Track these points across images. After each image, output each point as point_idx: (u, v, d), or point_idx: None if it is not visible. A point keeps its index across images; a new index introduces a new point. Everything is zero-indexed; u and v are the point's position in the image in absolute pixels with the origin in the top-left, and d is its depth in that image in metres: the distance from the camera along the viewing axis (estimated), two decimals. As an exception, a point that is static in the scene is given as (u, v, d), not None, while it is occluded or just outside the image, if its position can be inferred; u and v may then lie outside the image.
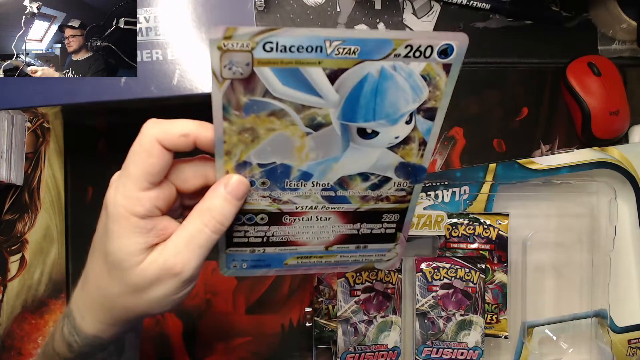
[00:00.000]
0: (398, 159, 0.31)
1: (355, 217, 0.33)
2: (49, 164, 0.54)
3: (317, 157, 0.30)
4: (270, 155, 0.29)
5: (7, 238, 0.53)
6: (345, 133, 0.29)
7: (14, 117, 0.52)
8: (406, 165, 0.31)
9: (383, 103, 0.28)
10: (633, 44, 0.57)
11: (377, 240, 0.35)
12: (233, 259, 0.34)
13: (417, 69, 0.27)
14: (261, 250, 0.34)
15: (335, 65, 0.26)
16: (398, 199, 0.33)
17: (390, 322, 0.50)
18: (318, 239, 0.34)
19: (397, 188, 0.32)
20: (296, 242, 0.34)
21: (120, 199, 0.28)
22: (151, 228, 0.29)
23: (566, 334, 0.54)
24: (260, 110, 0.27)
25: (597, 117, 0.53)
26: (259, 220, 0.32)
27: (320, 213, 0.32)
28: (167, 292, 0.29)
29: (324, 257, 0.35)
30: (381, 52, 0.26)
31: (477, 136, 0.56)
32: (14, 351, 0.53)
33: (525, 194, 0.53)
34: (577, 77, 0.54)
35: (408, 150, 0.31)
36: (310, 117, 0.28)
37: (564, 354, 0.54)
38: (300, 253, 0.34)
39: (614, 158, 0.52)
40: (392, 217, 0.34)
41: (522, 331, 0.53)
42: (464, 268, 0.50)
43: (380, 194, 0.32)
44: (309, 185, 0.31)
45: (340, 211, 0.33)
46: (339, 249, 0.35)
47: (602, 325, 0.53)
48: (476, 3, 0.56)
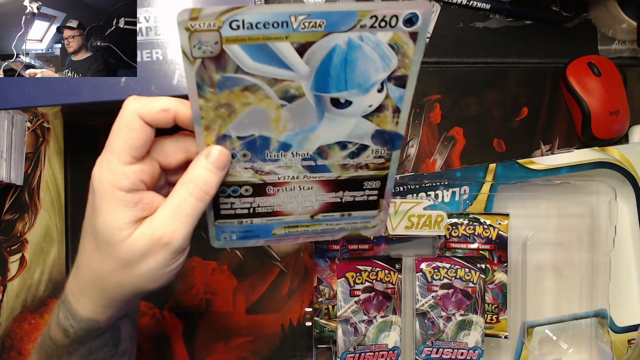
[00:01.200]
0: (374, 127, 0.31)
1: (337, 185, 0.34)
2: (49, 164, 0.54)
3: (294, 128, 0.30)
4: (248, 128, 0.30)
5: (7, 238, 0.53)
6: (319, 104, 0.30)
7: (14, 117, 0.52)
8: (382, 132, 0.32)
9: (353, 73, 0.29)
10: (633, 44, 0.57)
11: (360, 208, 0.36)
12: (222, 231, 0.35)
13: (384, 39, 0.28)
14: (248, 221, 0.34)
15: (302, 38, 0.27)
16: (377, 166, 0.34)
17: (390, 322, 0.50)
18: (303, 208, 0.35)
19: (376, 155, 0.33)
20: (282, 212, 0.35)
21: (105, 174, 0.29)
22: (137, 202, 0.29)
23: (566, 334, 0.54)
24: (234, 85, 0.28)
25: (597, 117, 0.53)
26: (244, 191, 0.33)
27: (303, 183, 0.33)
28: (158, 264, 0.30)
29: (310, 225, 0.36)
30: (347, 23, 0.27)
31: (477, 136, 0.56)
32: (14, 351, 0.53)
33: (525, 194, 0.53)
34: (577, 77, 0.54)
35: (382, 118, 0.31)
36: (284, 89, 0.29)
37: (564, 354, 0.54)
38: (287, 223, 0.35)
39: (614, 158, 0.52)
40: (373, 184, 0.35)
41: (522, 331, 0.53)
42: (464, 268, 0.50)
43: (359, 162, 0.33)
44: (289, 156, 0.32)
45: (322, 180, 0.33)
46: (325, 217, 0.36)
47: (602, 325, 0.53)
48: (476, 3, 0.56)
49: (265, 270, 0.54)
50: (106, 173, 0.29)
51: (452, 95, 0.56)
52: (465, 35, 0.56)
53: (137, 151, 0.29)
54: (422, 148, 0.55)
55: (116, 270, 0.30)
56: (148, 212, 0.30)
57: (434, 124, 0.56)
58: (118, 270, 0.30)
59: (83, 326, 0.33)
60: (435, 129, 0.56)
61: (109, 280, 0.30)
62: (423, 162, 0.55)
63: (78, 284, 0.32)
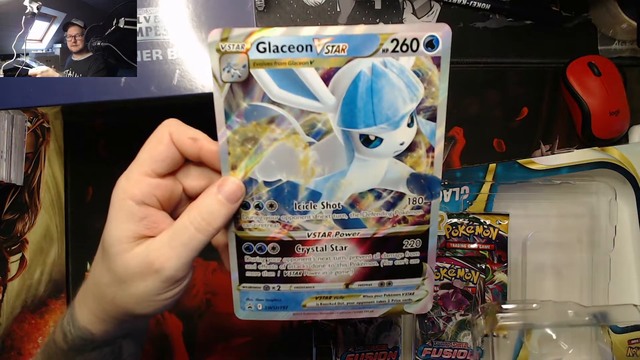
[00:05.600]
0: (408, 170, 0.30)
1: (373, 245, 0.31)
2: (49, 164, 0.54)
3: (323, 172, 0.29)
4: (275, 171, 0.29)
5: (7, 238, 0.53)
6: (348, 141, 0.29)
7: (14, 117, 0.52)
8: (418, 176, 0.30)
9: (381, 104, 0.28)
10: (633, 44, 0.57)
11: (401, 275, 0.32)
12: (247, 298, 0.33)
13: (408, 64, 0.27)
14: (276, 287, 0.32)
15: (326, 64, 0.27)
16: (416, 220, 0.31)
17: (391, 322, 0.50)
18: (336, 274, 0.32)
19: (413, 206, 0.30)
20: (313, 279, 0.32)
21: (122, 181, 0.29)
22: (143, 217, 0.28)
23: (566, 334, 0.54)
24: (261, 116, 0.28)
25: (597, 117, 0.53)
26: (271, 250, 0.31)
27: (335, 241, 0.31)
28: (148, 289, 0.28)
29: (345, 297, 0.33)
30: (369, 48, 0.26)
31: (477, 136, 0.56)
32: (14, 351, 0.53)
33: (525, 194, 0.53)
34: (577, 77, 0.54)
35: (416, 159, 0.29)
36: (310, 123, 0.28)
37: (564, 354, 0.54)
38: (318, 292, 0.32)
39: (614, 158, 0.52)
40: (414, 244, 0.32)
41: (522, 331, 0.53)
42: (464, 268, 0.50)
43: (397, 214, 0.31)
44: (319, 207, 0.30)
45: (357, 238, 0.31)
46: (361, 287, 0.32)
47: (602, 326, 0.53)
48: (476, 3, 0.56)
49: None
50: (124, 180, 0.29)
51: (452, 95, 0.56)
52: (465, 35, 0.56)
53: (158, 165, 0.29)
54: (422, 148, 0.55)
55: (111, 284, 0.29)
56: (153, 231, 0.29)
57: (434, 124, 0.56)
58: (112, 285, 0.29)
59: (79, 334, 0.32)
60: (435, 129, 0.56)
61: (104, 292, 0.30)
62: (423, 162, 0.55)
63: (83, 289, 0.32)
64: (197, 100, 0.44)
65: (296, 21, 0.55)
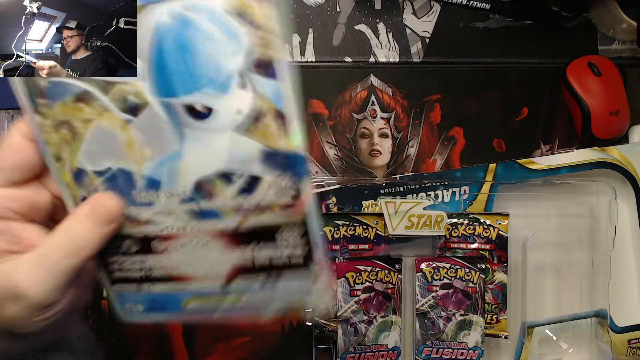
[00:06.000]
0: (257, 145, 0.23)
1: (240, 239, 0.26)
2: (49, 164, 0.54)
3: (154, 155, 0.24)
4: (101, 158, 0.25)
5: (7, 238, 0.53)
6: (172, 115, 0.23)
7: (14, 117, 0.52)
8: (273, 153, 0.24)
9: (197, 63, 0.22)
10: (633, 44, 0.57)
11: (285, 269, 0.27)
12: (124, 300, 0.29)
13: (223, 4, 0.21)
14: (147, 287, 0.28)
15: None
16: (286, 206, 0.25)
17: (390, 322, 0.50)
18: (208, 272, 0.27)
19: (277, 190, 0.24)
20: (183, 277, 0.27)
21: None
22: (1, 231, 0.25)
23: (566, 334, 0.54)
24: (65, 94, 0.24)
25: (597, 117, 0.53)
26: (127, 248, 0.27)
27: (194, 236, 0.26)
28: (14, 314, 0.25)
29: (227, 298, 0.28)
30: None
31: (477, 136, 0.56)
32: (14, 351, 0.53)
33: (525, 194, 0.53)
34: (577, 77, 0.54)
35: (264, 131, 0.23)
36: (121, 97, 0.23)
37: (564, 354, 0.54)
38: (195, 292, 0.28)
39: (614, 158, 0.52)
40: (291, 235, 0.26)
41: (522, 331, 0.53)
42: (464, 268, 0.50)
43: (258, 202, 0.25)
44: (163, 197, 0.25)
45: (218, 232, 0.26)
46: (242, 285, 0.27)
47: (602, 325, 0.53)
48: (476, 3, 0.56)
49: (265, 270, 0.54)
50: None
51: (452, 95, 0.56)
52: (465, 35, 0.56)
53: (9, 174, 0.25)
54: (422, 148, 0.55)
55: None
56: (18, 246, 0.25)
57: (434, 124, 0.56)
58: None
59: None
60: (435, 129, 0.56)
61: None
62: (423, 162, 0.55)
63: None
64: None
65: (296, 21, 0.55)
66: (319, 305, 0.28)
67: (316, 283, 0.27)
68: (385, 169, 0.55)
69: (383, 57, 0.56)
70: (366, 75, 0.55)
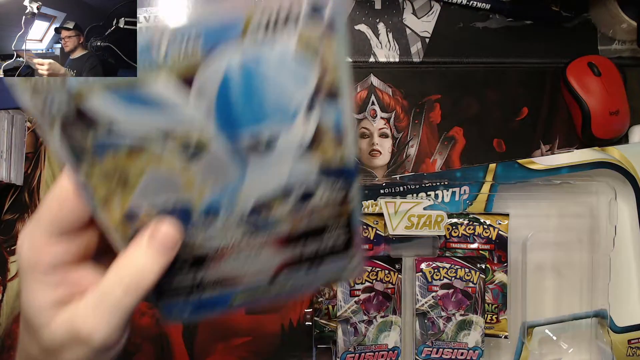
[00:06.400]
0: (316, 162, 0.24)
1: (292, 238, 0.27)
2: (49, 164, 0.54)
3: (215, 189, 0.24)
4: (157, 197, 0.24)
5: (7, 238, 0.53)
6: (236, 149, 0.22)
7: (14, 117, 0.52)
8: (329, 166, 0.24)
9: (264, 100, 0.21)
10: (633, 44, 0.57)
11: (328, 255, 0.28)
12: (170, 310, 0.29)
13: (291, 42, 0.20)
14: (197, 296, 0.28)
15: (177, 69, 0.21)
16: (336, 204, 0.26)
17: (390, 322, 0.50)
18: (258, 271, 0.28)
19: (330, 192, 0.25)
20: (234, 280, 0.28)
21: (25, 249, 0.25)
22: (59, 282, 0.25)
23: (566, 334, 0.54)
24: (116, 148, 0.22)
25: (597, 117, 0.53)
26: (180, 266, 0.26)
27: (249, 245, 0.26)
28: (80, 357, 0.25)
29: (273, 288, 0.29)
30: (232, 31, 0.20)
31: (477, 136, 0.56)
32: (13, 351, 0.53)
33: (525, 194, 0.53)
34: (577, 77, 0.54)
35: (324, 148, 0.23)
36: (182, 141, 0.22)
37: (564, 354, 0.54)
38: (244, 289, 0.28)
39: (614, 158, 0.52)
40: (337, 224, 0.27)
41: (522, 331, 0.53)
42: (464, 268, 0.50)
43: (313, 207, 0.25)
44: (221, 219, 0.25)
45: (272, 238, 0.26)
46: (288, 275, 0.28)
47: (602, 325, 0.53)
48: (476, 3, 0.56)
49: (265, 270, 0.54)
50: (26, 248, 0.25)
51: (452, 95, 0.56)
52: (465, 35, 0.56)
53: (65, 226, 0.25)
54: (422, 148, 0.55)
55: (41, 356, 0.26)
56: (78, 289, 0.25)
57: (434, 124, 0.56)
58: (42, 356, 0.26)
59: None
60: (435, 129, 0.56)
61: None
62: (423, 162, 0.55)
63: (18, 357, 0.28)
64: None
65: (296, 21, 0.55)
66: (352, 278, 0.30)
67: (352, 261, 0.29)
68: (385, 169, 0.55)
69: (383, 57, 0.56)
70: (366, 75, 0.55)
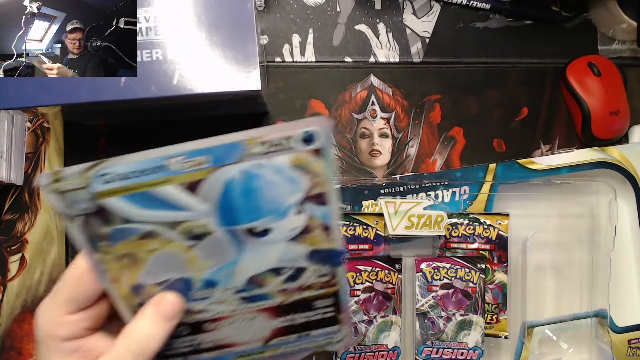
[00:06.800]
0: (306, 248, 0.28)
1: (283, 309, 0.30)
2: (49, 164, 0.54)
3: (214, 265, 0.28)
4: (162, 273, 0.28)
5: (7, 238, 0.53)
6: (234, 237, 0.27)
7: (14, 117, 0.52)
8: (317, 251, 0.28)
9: (261, 201, 0.26)
10: (633, 44, 0.57)
11: (318, 326, 0.32)
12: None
13: (285, 162, 0.25)
14: (195, 358, 0.31)
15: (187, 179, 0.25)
16: (323, 285, 0.30)
17: (390, 322, 0.50)
18: (253, 336, 0.31)
19: (318, 275, 0.29)
20: (230, 344, 0.31)
21: (44, 322, 0.28)
22: (74, 350, 0.27)
23: (566, 334, 0.54)
24: (129, 235, 0.26)
25: (597, 117, 0.53)
26: (180, 332, 0.30)
27: (244, 314, 0.30)
28: None
29: (266, 352, 0.32)
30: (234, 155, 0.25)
31: (477, 136, 0.56)
32: (13, 351, 0.53)
33: (525, 194, 0.53)
34: (577, 77, 0.54)
35: (313, 238, 0.28)
36: (188, 230, 0.26)
37: (564, 354, 0.54)
38: (240, 352, 0.32)
39: (614, 158, 0.52)
40: (325, 302, 0.31)
41: (522, 331, 0.53)
42: (464, 268, 0.50)
43: (301, 284, 0.29)
44: (219, 292, 0.29)
45: (265, 308, 0.30)
46: (280, 341, 0.32)
47: (602, 325, 0.53)
48: (476, 3, 0.56)
49: (265, 270, 0.54)
50: (45, 321, 0.28)
51: (452, 95, 0.56)
52: (465, 35, 0.56)
53: (81, 302, 0.27)
54: (422, 148, 0.55)
55: None
56: (90, 356, 0.28)
57: (434, 124, 0.56)
58: None
59: None
60: (435, 129, 0.56)
61: None
62: (423, 162, 0.55)
63: None
64: (196, 100, 0.44)
65: (296, 21, 0.55)
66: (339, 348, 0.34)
67: (340, 334, 0.33)
68: (385, 169, 0.55)
69: (383, 57, 0.56)
70: (366, 75, 0.55)
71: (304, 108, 0.54)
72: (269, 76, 0.54)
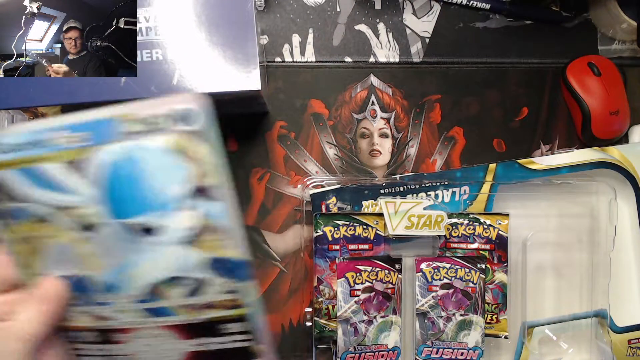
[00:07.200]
0: (204, 255, 0.27)
1: (191, 331, 0.29)
2: (49, 164, 0.54)
3: (111, 264, 0.27)
4: (62, 267, 0.28)
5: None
6: (127, 232, 0.26)
7: (14, 117, 0.52)
8: (218, 260, 0.27)
9: (148, 191, 0.25)
10: (633, 44, 0.57)
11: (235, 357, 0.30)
12: None
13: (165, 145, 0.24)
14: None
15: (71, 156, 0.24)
16: (230, 304, 0.28)
17: (390, 322, 0.50)
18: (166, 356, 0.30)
19: (222, 290, 0.28)
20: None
21: None
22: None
23: (566, 334, 0.54)
24: (23, 216, 0.26)
25: (597, 117, 0.53)
26: (93, 337, 0.30)
27: (149, 329, 0.29)
28: None
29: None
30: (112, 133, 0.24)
31: (477, 136, 0.56)
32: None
33: (525, 194, 0.53)
34: (577, 77, 0.54)
35: (211, 243, 0.26)
36: (79, 219, 0.26)
37: (564, 354, 0.54)
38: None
39: (614, 158, 0.52)
40: (235, 328, 0.29)
41: (522, 331, 0.53)
42: (464, 268, 0.50)
43: (205, 301, 0.28)
44: (121, 299, 0.28)
45: (172, 325, 0.29)
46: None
47: (602, 325, 0.53)
48: (476, 3, 0.56)
49: (265, 270, 0.54)
50: None
51: (452, 95, 0.56)
52: (465, 35, 0.56)
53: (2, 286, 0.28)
54: (422, 148, 0.55)
55: None
56: None
57: (434, 124, 0.56)
58: None
59: None
60: (435, 129, 0.56)
61: None
62: (423, 162, 0.55)
63: None
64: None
65: (296, 21, 0.55)
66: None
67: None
68: (385, 169, 0.55)
69: (383, 57, 0.56)
70: (366, 75, 0.55)
71: (304, 108, 0.54)
72: (269, 76, 0.54)
